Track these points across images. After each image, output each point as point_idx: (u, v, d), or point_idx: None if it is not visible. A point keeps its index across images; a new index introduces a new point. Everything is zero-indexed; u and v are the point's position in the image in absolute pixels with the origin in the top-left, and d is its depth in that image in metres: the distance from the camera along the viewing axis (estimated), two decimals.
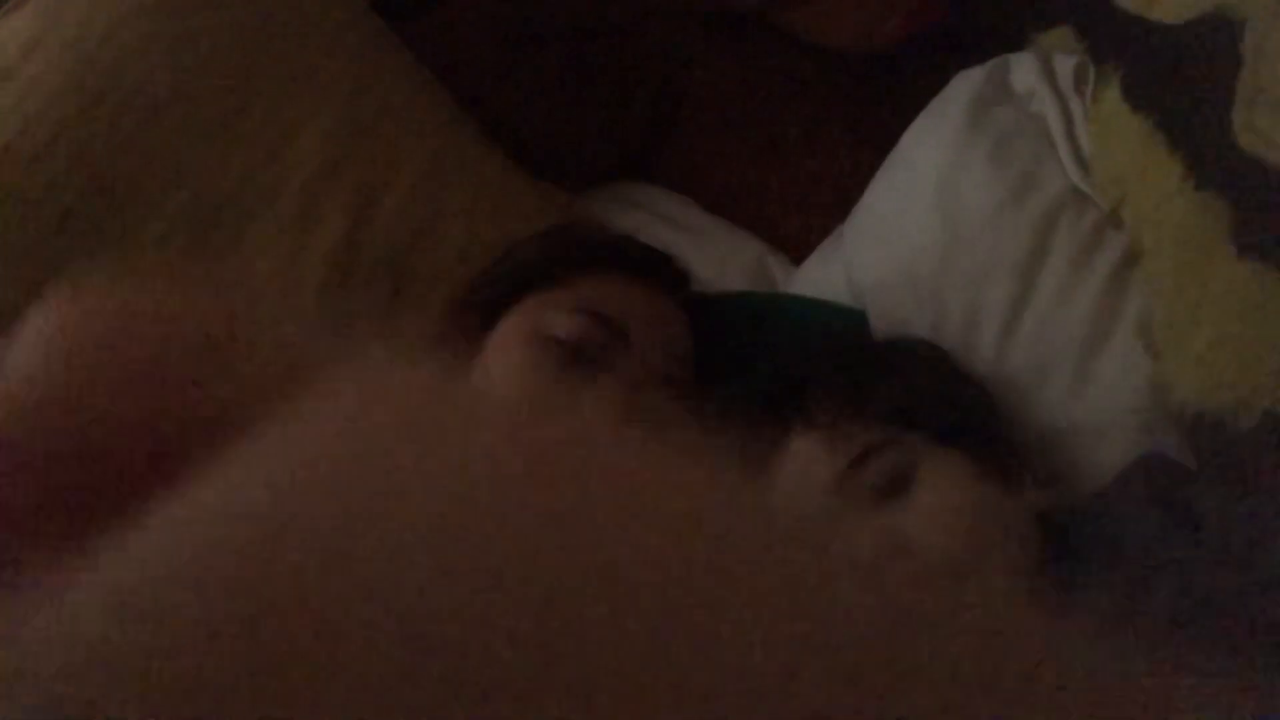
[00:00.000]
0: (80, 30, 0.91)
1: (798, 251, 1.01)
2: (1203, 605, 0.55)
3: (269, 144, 0.93)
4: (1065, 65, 0.84)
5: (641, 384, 0.74)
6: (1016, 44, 0.90)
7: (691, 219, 1.05)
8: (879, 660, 0.13)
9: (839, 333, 0.85)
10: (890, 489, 0.68)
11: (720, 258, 0.99)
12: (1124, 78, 0.77)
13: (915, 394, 0.72)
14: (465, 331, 0.78)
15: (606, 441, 0.15)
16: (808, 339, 0.84)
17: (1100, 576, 0.62)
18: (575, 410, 0.16)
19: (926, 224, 0.84)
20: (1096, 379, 0.75)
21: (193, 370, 0.16)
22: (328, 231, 0.93)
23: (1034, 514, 0.69)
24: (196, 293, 0.18)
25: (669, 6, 0.99)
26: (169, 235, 0.90)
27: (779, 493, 0.71)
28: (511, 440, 0.15)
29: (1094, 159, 0.80)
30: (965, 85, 0.88)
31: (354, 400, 0.15)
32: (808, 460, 0.70)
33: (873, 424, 0.70)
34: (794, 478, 0.70)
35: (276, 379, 0.16)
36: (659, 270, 0.81)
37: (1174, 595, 0.56)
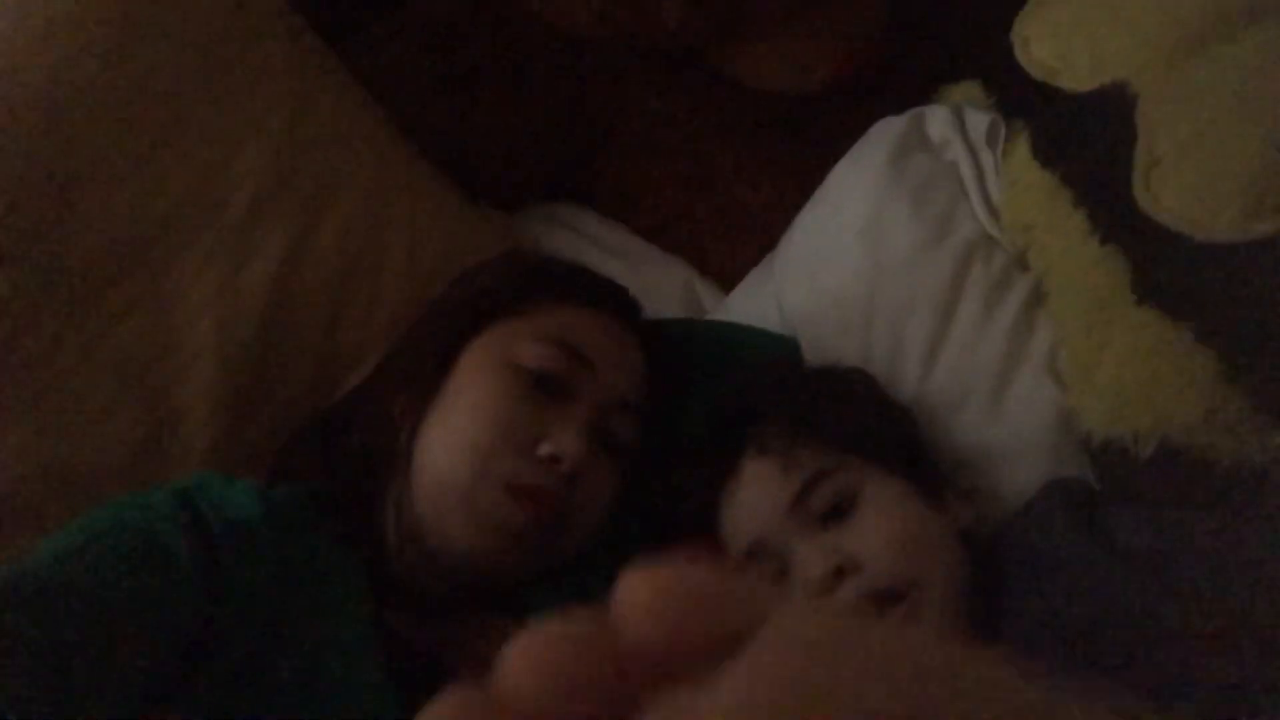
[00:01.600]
0: (13, 31, 0.88)
1: (724, 277, 1.07)
2: (1119, 615, 0.63)
3: (208, 162, 0.92)
4: (977, 119, 0.93)
5: (607, 410, 0.77)
6: (930, 94, 0.99)
7: (622, 243, 1.09)
8: None
9: (779, 360, 0.90)
10: (837, 511, 0.74)
11: (650, 282, 1.03)
12: (1032, 136, 0.86)
13: (857, 420, 0.79)
14: (428, 358, 0.79)
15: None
16: (750, 365, 0.89)
17: (1022, 591, 0.70)
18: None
19: (853, 261, 0.91)
20: (1009, 406, 0.83)
21: None
22: (270, 251, 0.93)
23: (960, 527, 0.77)
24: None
25: (607, 43, 1.02)
26: (103, 253, 0.88)
27: (740, 515, 0.76)
28: None
29: (1003, 207, 0.89)
30: (887, 131, 0.96)
31: None
32: (764, 485, 0.76)
33: (820, 450, 0.76)
34: (751, 501, 0.76)
35: None
36: (616, 300, 0.84)
37: (1093, 607, 0.64)
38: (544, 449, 0.73)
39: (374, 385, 0.83)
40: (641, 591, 0.19)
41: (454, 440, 0.74)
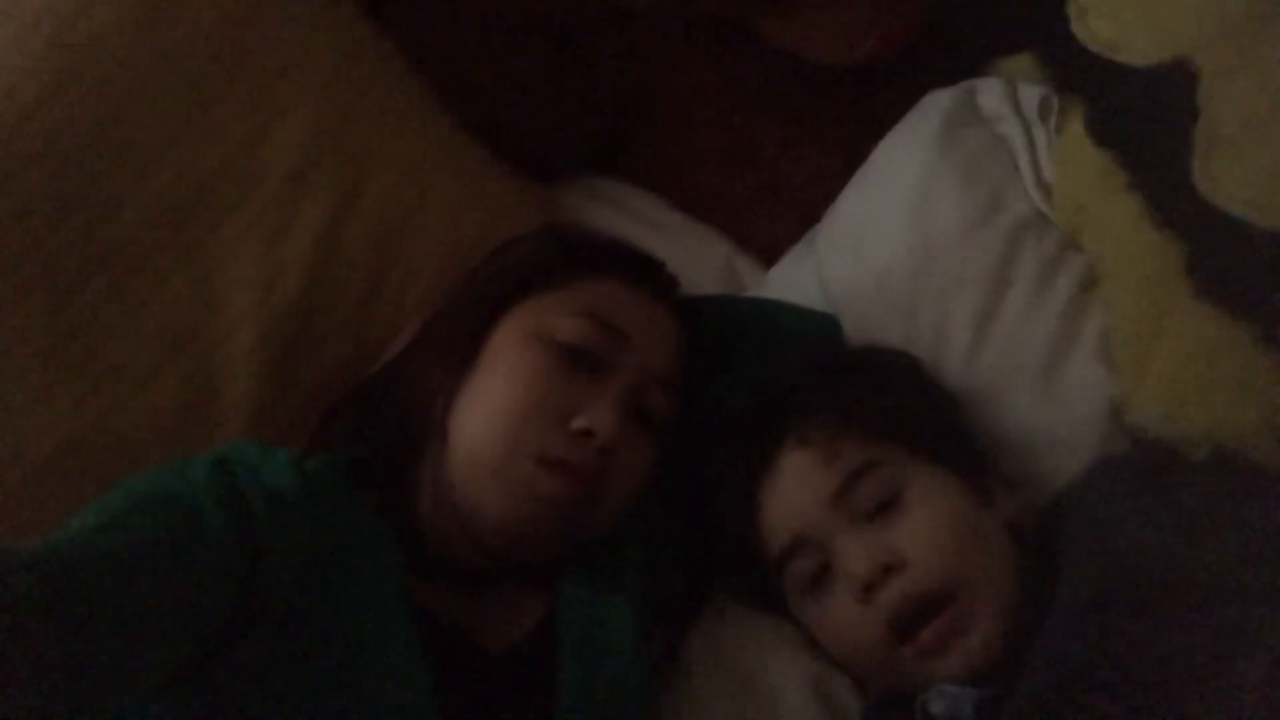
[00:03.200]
0: (50, 7, 0.88)
1: (765, 252, 1.05)
2: (1190, 573, 0.61)
3: (248, 132, 0.92)
4: (1030, 93, 0.90)
5: (642, 386, 0.76)
6: (983, 67, 0.96)
7: (661, 217, 1.08)
8: None
9: (820, 343, 0.88)
10: (882, 505, 0.73)
11: (689, 257, 1.01)
12: (1087, 113, 0.83)
13: (901, 410, 0.77)
14: (463, 330, 0.78)
15: None
16: (789, 346, 0.87)
17: (1084, 555, 0.68)
18: None
19: (900, 238, 0.89)
20: (1059, 391, 0.81)
21: None
22: (309, 220, 0.93)
23: (1006, 520, 0.75)
24: None
25: (649, 10, 1.00)
26: (144, 222, 0.88)
27: (781, 509, 0.75)
28: None
29: (1056, 185, 0.86)
30: (936, 104, 0.93)
31: None
32: (805, 478, 0.74)
33: (864, 441, 0.74)
34: (792, 495, 0.75)
35: None
36: (653, 275, 0.83)
37: (1162, 564, 0.63)
38: (577, 423, 0.72)
39: (411, 356, 0.83)
40: None
41: (487, 412, 0.74)
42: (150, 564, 0.58)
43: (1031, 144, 0.89)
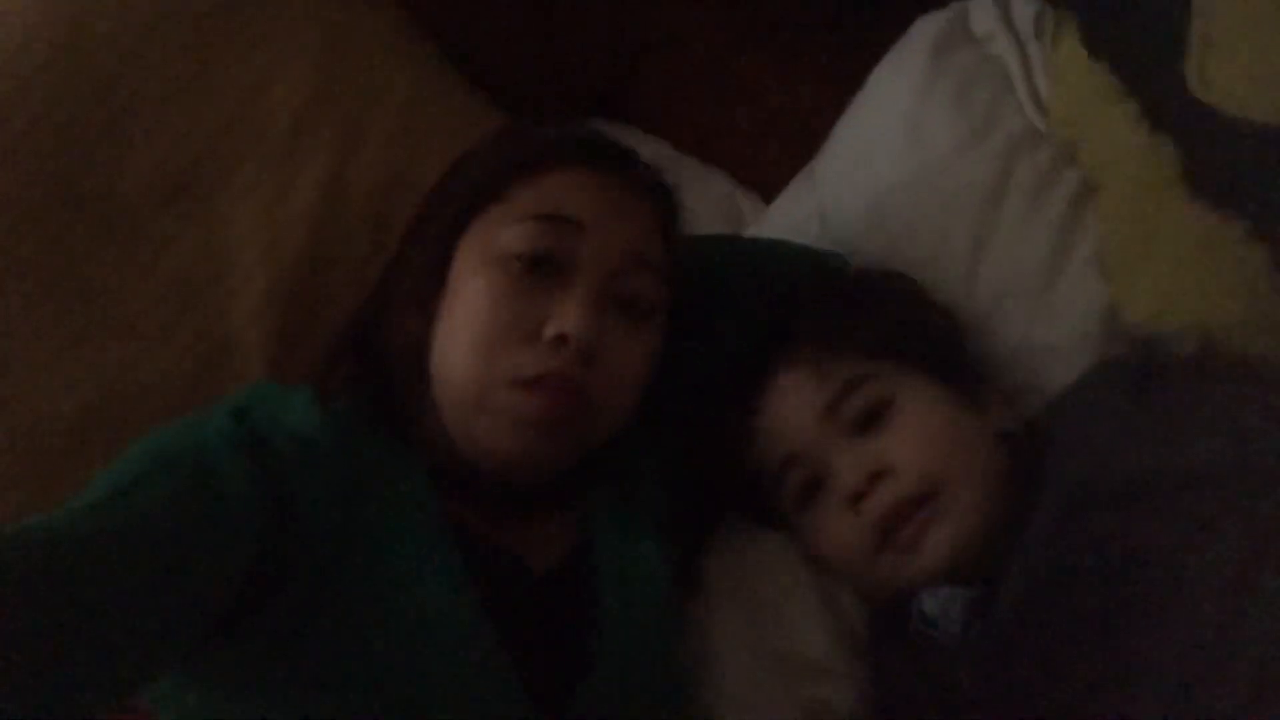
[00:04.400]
0: None
1: (766, 188, 1.05)
2: (1159, 477, 0.63)
3: (247, 87, 0.93)
4: (1023, 10, 0.90)
5: (616, 271, 0.71)
6: None
7: (662, 157, 1.08)
8: None
9: (817, 272, 0.89)
10: (871, 418, 0.74)
11: (690, 196, 0.99)
12: (1081, 25, 0.83)
13: (891, 326, 0.78)
14: (424, 268, 0.74)
15: None
16: (788, 281, 0.86)
17: (1064, 455, 0.69)
18: None
19: (895, 161, 0.89)
20: (1055, 303, 0.82)
21: None
22: (312, 173, 0.94)
23: (999, 432, 0.77)
24: None
25: None
26: (149, 184, 0.90)
27: (774, 428, 0.76)
28: None
29: (1051, 101, 0.86)
30: (928, 28, 0.94)
31: None
32: (796, 396, 0.76)
33: (853, 357, 0.76)
34: (784, 413, 0.76)
35: None
36: (600, 154, 0.76)
37: (1136, 469, 0.64)
38: (548, 331, 0.68)
39: (385, 297, 0.79)
40: None
41: (457, 347, 0.70)
42: (159, 535, 0.56)
43: (1026, 61, 0.89)
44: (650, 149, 1.08)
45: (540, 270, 0.70)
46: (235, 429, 0.64)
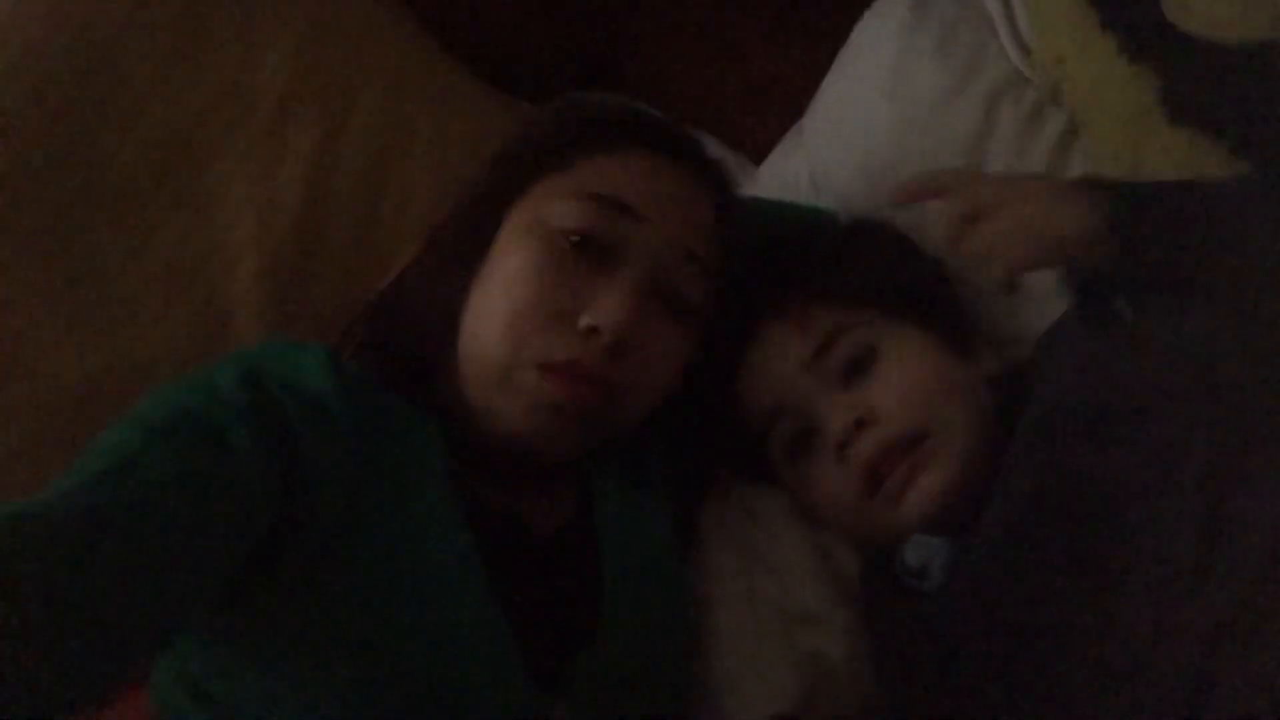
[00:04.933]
0: None
1: (755, 150, 1.05)
2: (1126, 400, 0.62)
3: (234, 65, 0.94)
4: None
5: (665, 266, 0.69)
6: None
7: None
8: None
9: (806, 227, 0.88)
10: (856, 366, 0.73)
11: None
12: None
13: (876, 274, 0.77)
14: (468, 229, 0.72)
15: None
16: (774, 235, 0.85)
17: (1038, 396, 0.68)
18: None
19: (879, 114, 0.89)
20: None
21: None
22: (301, 147, 0.95)
23: (986, 378, 0.76)
24: None
25: None
26: (140, 161, 0.91)
27: (760, 378, 0.76)
28: None
29: (1033, 42, 0.85)
30: None
31: None
32: (782, 346, 0.75)
33: (838, 306, 0.75)
34: (770, 364, 0.76)
35: None
36: (671, 141, 0.74)
37: (1104, 394, 0.63)
38: (583, 321, 0.66)
39: (423, 260, 0.78)
40: None
41: (490, 318, 0.68)
42: (170, 500, 0.55)
43: (1007, 4, 0.88)
44: None
45: (587, 251, 0.68)
46: (245, 390, 0.62)
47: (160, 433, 0.58)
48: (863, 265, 0.78)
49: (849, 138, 0.91)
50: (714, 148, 1.05)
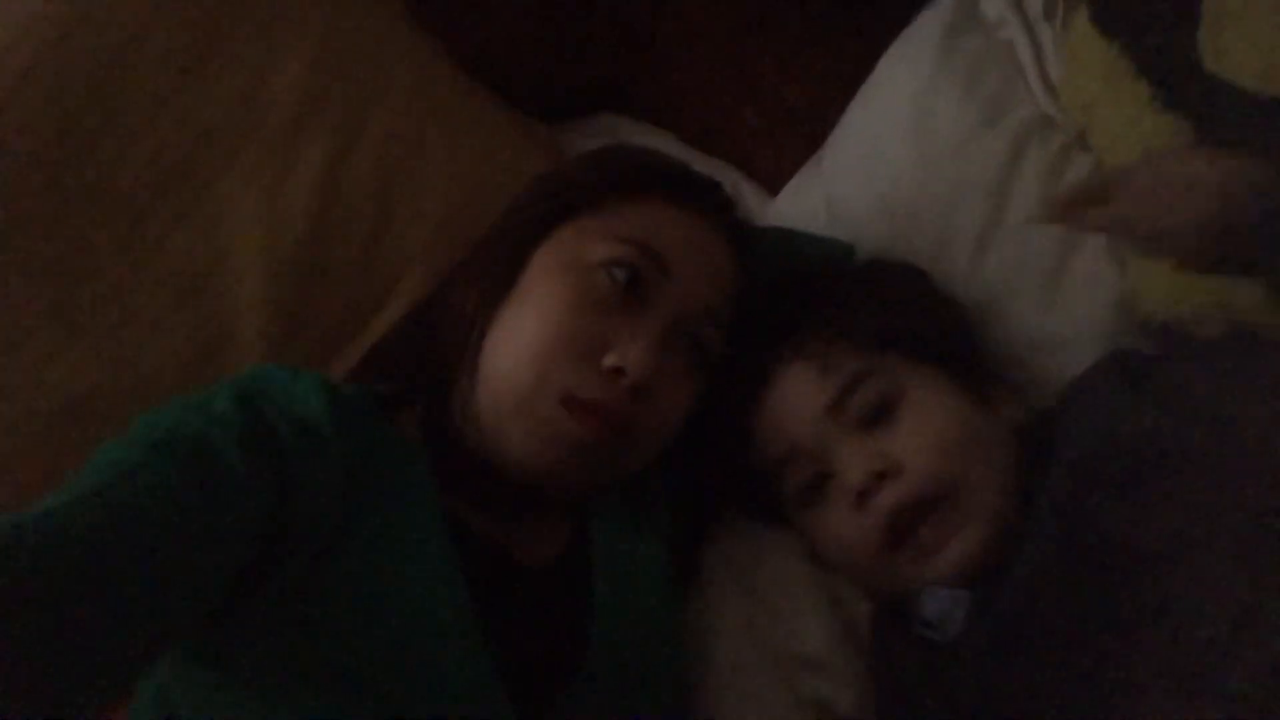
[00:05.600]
0: None
1: (772, 181, 1.03)
2: (1160, 457, 0.60)
3: (247, 77, 0.93)
4: None
5: (686, 320, 0.71)
6: None
7: (668, 150, 1.07)
8: None
9: (824, 262, 0.86)
10: (878, 413, 0.71)
11: None
12: (1092, 5, 0.81)
13: (898, 318, 0.76)
14: (501, 255, 0.74)
15: None
16: (798, 270, 0.84)
17: (1068, 451, 0.66)
18: None
19: (902, 150, 0.87)
20: (1065, 293, 0.79)
21: None
22: (311, 164, 0.93)
23: (1010, 424, 0.74)
24: None
25: None
26: (146, 174, 0.89)
27: (777, 419, 0.74)
28: None
29: (1062, 84, 0.84)
30: (936, 15, 0.91)
31: None
32: (801, 388, 0.73)
33: (860, 350, 0.73)
34: (788, 405, 0.74)
35: None
36: (706, 197, 0.77)
37: (1137, 450, 0.61)
38: (608, 360, 0.67)
39: (453, 282, 0.79)
40: None
41: (516, 345, 0.69)
42: (163, 520, 0.55)
43: (1036, 45, 0.86)
44: (654, 142, 1.07)
45: (618, 292, 0.70)
46: (241, 413, 0.63)
47: (156, 451, 0.59)
48: (886, 308, 0.76)
49: (870, 172, 0.89)
50: (730, 176, 1.05)
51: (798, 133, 1.01)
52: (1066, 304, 0.79)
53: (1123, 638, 0.58)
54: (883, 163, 0.88)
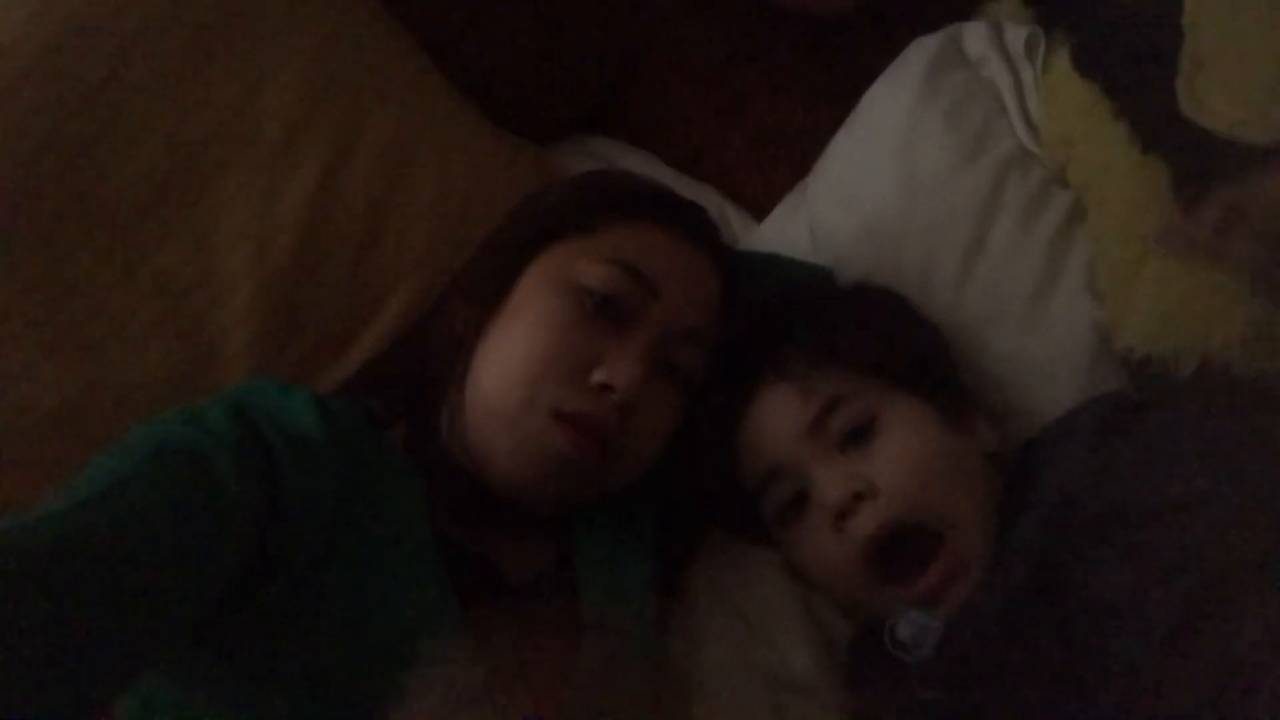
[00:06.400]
0: None
1: (757, 205, 1.05)
2: (1124, 512, 0.62)
3: (241, 91, 0.93)
4: (1017, 34, 0.91)
5: (671, 339, 0.73)
6: (968, 12, 0.96)
7: (654, 173, 1.08)
8: None
9: (805, 284, 0.89)
10: (856, 435, 0.73)
11: None
12: (1074, 47, 0.84)
13: (880, 342, 0.78)
14: (497, 271, 0.76)
15: None
16: (780, 293, 0.86)
17: (1041, 497, 0.69)
18: None
19: (887, 181, 0.89)
20: (1045, 324, 0.82)
21: None
22: (303, 180, 0.93)
23: (987, 452, 0.76)
24: None
25: None
26: (137, 184, 0.89)
27: (757, 439, 0.76)
28: None
29: (1043, 122, 0.87)
30: (921, 51, 0.94)
31: None
32: (782, 408, 0.75)
33: (840, 373, 0.75)
34: (769, 425, 0.76)
35: None
36: (692, 222, 0.79)
37: (1104, 503, 0.63)
38: (596, 376, 0.69)
39: (444, 296, 0.81)
40: None
41: (506, 360, 0.71)
42: (156, 531, 0.56)
43: (1018, 83, 0.89)
44: (641, 164, 1.09)
45: (606, 312, 0.72)
46: (234, 427, 0.63)
47: (151, 461, 0.59)
48: (868, 331, 0.78)
49: (854, 201, 0.91)
50: (715, 200, 1.07)
51: (783, 159, 1.03)
52: (1046, 334, 0.81)
53: (1077, 688, 0.61)
54: (867, 192, 0.91)
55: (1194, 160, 0.72)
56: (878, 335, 0.79)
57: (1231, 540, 0.59)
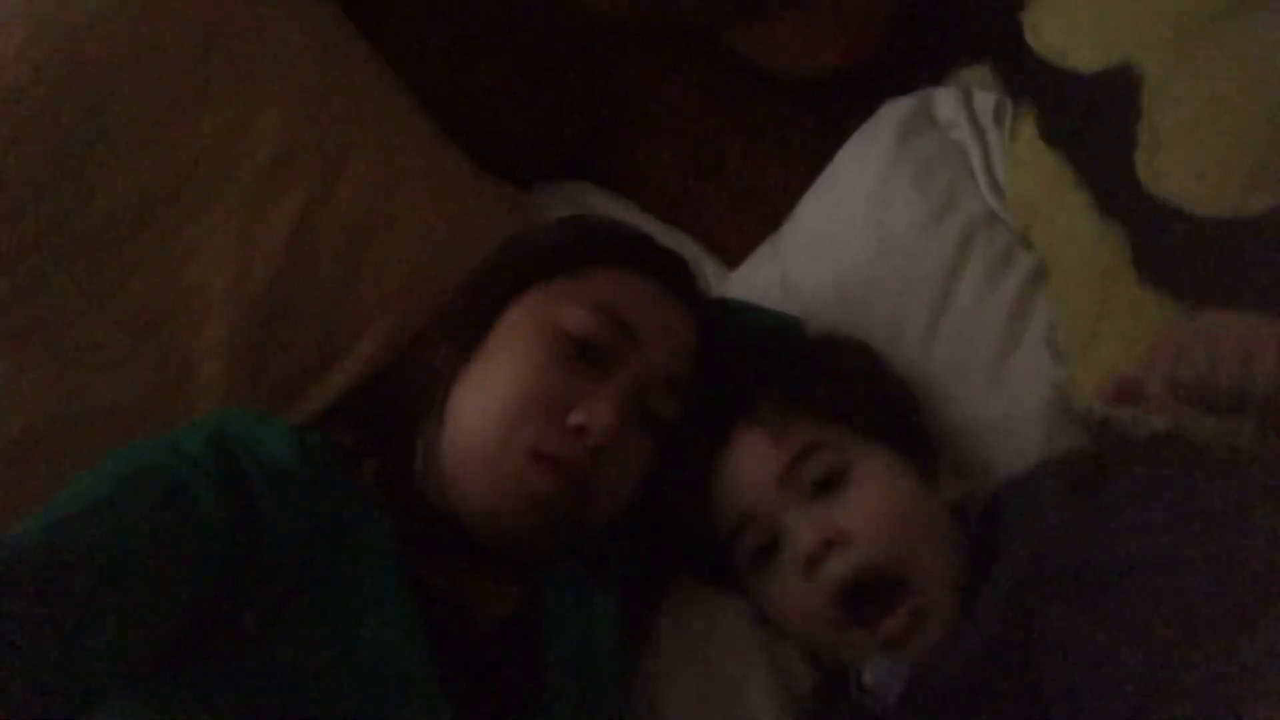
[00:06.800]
0: None
1: (730, 255, 1.08)
2: (1092, 570, 0.64)
3: (227, 124, 0.94)
4: (985, 100, 0.94)
5: (648, 385, 0.75)
6: (940, 78, 1.00)
7: (631, 219, 1.10)
8: None
9: (778, 332, 0.91)
10: (827, 483, 0.75)
11: None
12: (1039, 117, 0.87)
13: (851, 393, 0.79)
14: (473, 311, 0.77)
15: None
16: (752, 341, 0.88)
17: (1011, 552, 0.71)
18: None
19: (857, 237, 0.92)
20: (1008, 380, 0.84)
21: None
22: (284, 213, 0.94)
23: (950, 503, 0.78)
24: None
25: (620, 22, 1.04)
26: (117, 211, 0.89)
27: (730, 486, 0.77)
28: None
29: (1008, 185, 0.90)
30: (894, 113, 0.97)
31: None
32: (755, 455, 0.76)
33: (814, 422, 0.77)
34: (742, 472, 0.77)
35: None
36: (671, 271, 0.81)
37: (1073, 561, 0.65)
38: (573, 418, 0.71)
39: (422, 335, 0.82)
40: None
41: (484, 400, 0.72)
42: (133, 552, 0.56)
43: (985, 147, 0.92)
44: (619, 210, 1.11)
45: (586, 355, 0.73)
46: (211, 455, 0.64)
47: (128, 485, 0.60)
48: (839, 382, 0.80)
49: (825, 255, 0.94)
50: (691, 249, 1.09)
51: (757, 212, 1.05)
52: (1009, 391, 0.84)
53: None
54: (838, 247, 0.93)
55: (1152, 229, 0.75)
56: (851, 385, 0.80)
57: (1198, 599, 0.61)
